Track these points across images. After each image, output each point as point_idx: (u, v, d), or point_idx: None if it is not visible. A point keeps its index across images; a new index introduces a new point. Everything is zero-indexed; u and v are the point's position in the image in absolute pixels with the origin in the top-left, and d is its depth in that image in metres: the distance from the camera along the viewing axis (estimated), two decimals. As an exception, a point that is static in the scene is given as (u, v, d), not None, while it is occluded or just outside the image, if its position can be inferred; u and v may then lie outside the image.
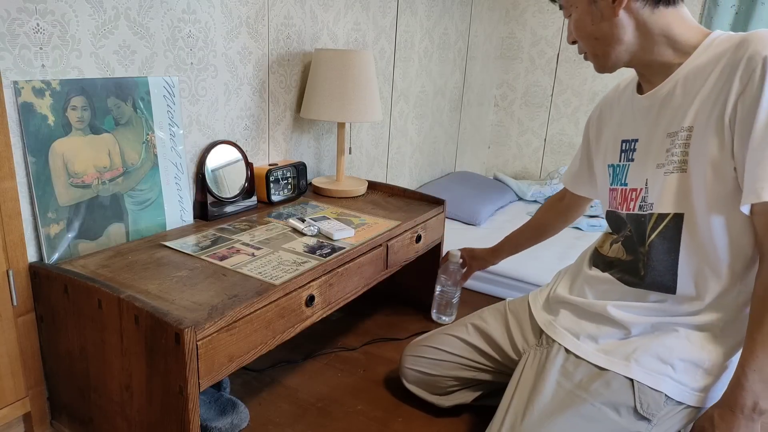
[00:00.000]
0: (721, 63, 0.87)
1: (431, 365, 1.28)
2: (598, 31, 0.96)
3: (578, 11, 0.98)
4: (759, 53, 0.83)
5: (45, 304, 1.12)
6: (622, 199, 1.06)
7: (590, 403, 0.97)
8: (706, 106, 0.89)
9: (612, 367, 0.99)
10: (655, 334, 0.99)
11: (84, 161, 1.16)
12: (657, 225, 0.97)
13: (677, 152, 0.93)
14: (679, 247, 0.95)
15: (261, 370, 1.48)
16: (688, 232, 0.94)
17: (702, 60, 0.91)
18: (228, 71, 1.48)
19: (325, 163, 1.95)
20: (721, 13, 2.51)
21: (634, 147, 1.03)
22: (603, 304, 1.04)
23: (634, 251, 1.03)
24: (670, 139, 0.95)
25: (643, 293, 1.01)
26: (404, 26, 2.20)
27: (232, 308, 0.97)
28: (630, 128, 1.05)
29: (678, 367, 0.96)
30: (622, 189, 1.06)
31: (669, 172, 0.94)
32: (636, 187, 1.02)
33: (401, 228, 1.49)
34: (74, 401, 1.15)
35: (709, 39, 0.92)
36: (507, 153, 3.27)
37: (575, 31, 1.00)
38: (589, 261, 1.14)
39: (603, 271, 1.08)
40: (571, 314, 1.10)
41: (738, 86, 0.84)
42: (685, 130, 0.92)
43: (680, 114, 0.93)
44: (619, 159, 1.07)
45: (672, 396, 0.96)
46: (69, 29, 1.10)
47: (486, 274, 2.04)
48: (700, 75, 0.90)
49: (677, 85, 0.94)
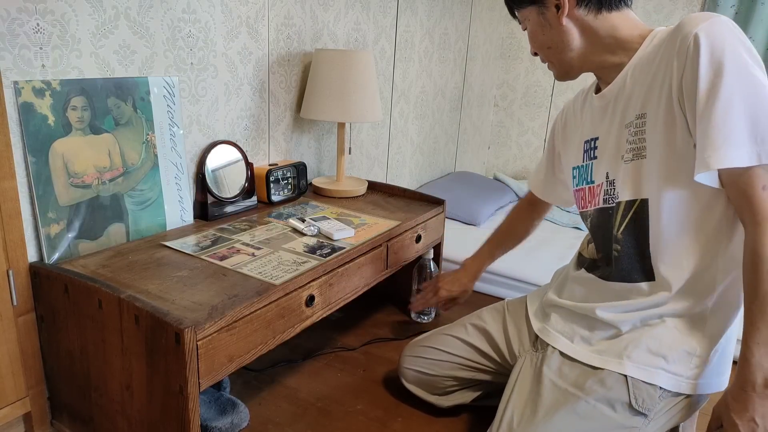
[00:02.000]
0: (661, 50, 0.91)
1: (430, 365, 1.28)
2: (549, 41, 1.01)
3: (531, 23, 1.03)
4: (690, 31, 0.85)
5: (45, 303, 1.12)
6: (589, 197, 1.08)
7: (585, 401, 0.97)
8: (654, 91, 0.92)
9: (606, 365, 0.99)
10: (645, 329, 0.99)
11: (84, 161, 1.16)
12: (625, 214, 0.99)
13: (634, 140, 0.96)
14: (648, 233, 0.96)
15: (261, 370, 1.48)
16: (655, 217, 0.95)
17: (646, 52, 0.95)
18: (228, 71, 1.48)
19: (326, 163, 1.95)
20: (721, 13, 2.50)
21: (595, 145, 1.07)
22: (591, 306, 1.05)
23: (604, 246, 1.05)
24: (627, 130, 0.97)
25: (625, 288, 1.01)
26: (404, 26, 2.20)
27: (232, 308, 0.97)
28: (590, 128, 1.08)
29: (670, 358, 0.96)
30: (588, 187, 1.08)
31: (629, 160, 0.97)
32: (599, 182, 1.05)
33: (401, 228, 1.49)
34: (74, 401, 1.15)
35: (651, 34, 0.96)
36: (507, 153, 3.27)
37: (531, 42, 1.06)
38: (575, 263, 1.16)
39: (587, 270, 1.10)
40: (562, 317, 1.11)
41: (677, 65, 0.87)
42: (639, 118, 0.95)
43: (632, 104, 0.96)
44: (583, 159, 1.10)
45: (667, 388, 0.96)
46: (69, 29, 1.10)
47: (486, 274, 2.03)
48: (646, 65, 0.94)
49: (627, 78, 0.97)
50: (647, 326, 1.00)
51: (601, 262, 1.07)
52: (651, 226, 0.96)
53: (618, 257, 1.01)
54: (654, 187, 0.94)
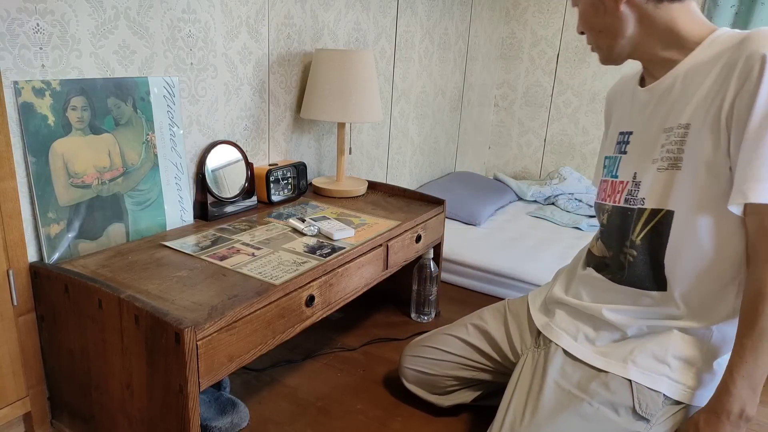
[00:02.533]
0: (721, 61, 0.87)
1: (431, 365, 1.28)
2: (601, 24, 0.96)
3: (584, 2, 0.98)
4: (757, 51, 0.82)
5: (45, 303, 1.12)
6: (610, 191, 1.05)
7: (588, 403, 0.97)
8: (704, 104, 0.88)
9: (610, 368, 0.99)
10: (651, 335, 0.99)
11: (84, 161, 1.16)
12: (647, 222, 0.97)
13: (672, 149, 0.93)
14: (666, 245, 0.95)
15: (261, 369, 1.48)
16: (677, 230, 0.93)
17: (703, 57, 0.90)
18: (228, 71, 1.48)
19: (326, 163, 1.95)
20: (721, 13, 2.51)
21: (627, 140, 1.03)
22: (598, 307, 1.04)
23: (615, 246, 1.03)
24: (665, 135, 0.94)
25: (635, 293, 1.00)
26: (404, 26, 2.20)
27: (232, 308, 0.97)
28: (627, 121, 1.05)
29: (674, 366, 0.97)
30: (612, 181, 1.06)
31: (662, 168, 0.94)
32: (624, 180, 1.02)
33: (401, 228, 1.49)
34: (75, 400, 1.15)
35: (712, 36, 0.91)
36: (507, 153, 3.27)
37: (582, 24, 1.00)
38: (583, 261, 1.15)
39: (595, 269, 1.09)
40: (568, 315, 1.10)
41: (735, 85, 0.84)
42: (682, 127, 0.91)
43: (677, 110, 0.92)
44: (614, 151, 1.07)
45: (670, 395, 0.96)
46: (69, 29, 1.10)
47: (486, 274, 2.04)
48: (700, 72, 0.90)
49: (677, 81, 0.93)
50: (654, 333, 0.99)
51: (610, 261, 1.05)
52: (671, 238, 0.94)
53: (632, 263, 1.00)
54: (683, 201, 0.91)
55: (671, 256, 0.95)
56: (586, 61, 2.89)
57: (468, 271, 2.08)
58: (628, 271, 1.00)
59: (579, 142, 3.02)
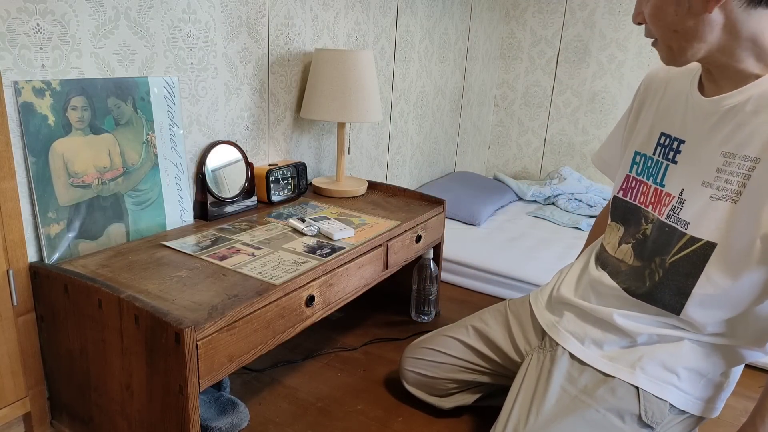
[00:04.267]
0: None
1: (431, 367, 1.27)
2: (679, 24, 0.83)
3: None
4: None
5: (45, 303, 1.12)
6: (655, 199, 0.98)
7: (595, 409, 0.96)
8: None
9: (617, 374, 0.98)
10: (661, 343, 0.98)
11: (84, 161, 1.16)
12: (686, 246, 0.91)
13: (733, 180, 0.86)
14: (700, 274, 0.90)
15: (261, 370, 1.48)
16: (715, 263, 0.88)
17: None
18: (228, 71, 1.48)
19: (326, 163, 1.95)
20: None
21: (678, 148, 0.95)
22: (609, 311, 1.01)
23: (646, 259, 0.98)
24: (725, 159, 0.87)
25: (648, 306, 0.98)
26: (404, 26, 2.20)
27: (232, 308, 0.97)
28: (677, 125, 0.96)
29: (682, 376, 0.96)
30: (656, 188, 0.98)
31: (716, 198, 0.87)
32: (672, 193, 0.95)
33: (401, 228, 1.49)
34: (74, 401, 1.15)
35: None
36: (507, 153, 3.27)
37: (651, 17, 0.86)
38: (596, 259, 1.10)
39: (610, 275, 1.04)
40: (576, 317, 1.08)
41: None
42: (750, 160, 0.84)
43: (745, 136, 0.84)
44: (654, 152, 0.99)
45: (676, 405, 0.95)
46: (69, 29, 1.10)
47: (486, 274, 2.04)
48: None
49: (749, 101, 0.84)
50: (664, 341, 0.98)
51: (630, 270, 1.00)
52: (706, 270, 0.89)
53: (656, 283, 0.95)
54: (732, 237, 0.86)
55: (702, 287, 0.90)
56: (586, 61, 2.89)
57: (468, 271, 2.08)
58: (649, 289, 0.97)
59: (579, 142, 3.02)
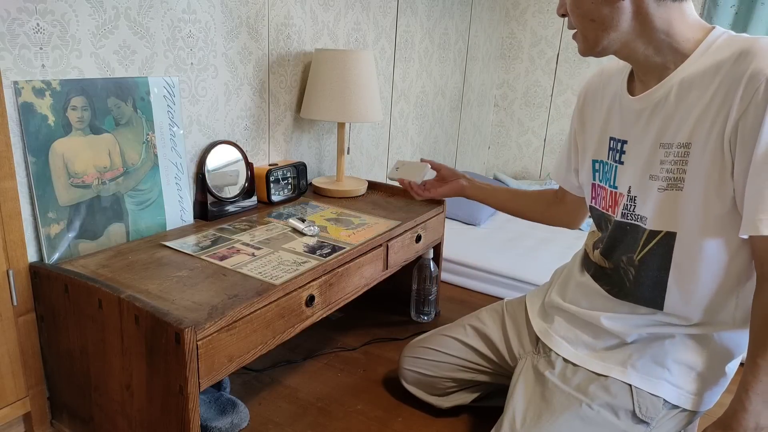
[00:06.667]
0: (720, 75, 0.83)
1: (429, 366, 1.28)
2: (596, 12, 0.88)
3: None
4: (762, 72, 0.78)
5: (45, 303, 1.12)
6: (611, 201, 1.02)
7: (589, 406, 0.97)
8: (705, 123, 0.84)
9: (609, 372, 0.99)
10: (650, 340, 0.99)
11: (84, 161, 1.16)
12: (649, 241, 0.95)
13: (673, 169, 0.89)
14: (670, 265, 0.93)
15: (261, 370, 1.48)
16: (681, 251, 0.91)
17: (699, 66, 0.86)
18: (228, 71, 1.48)
19: (326, 163, 1.95)
20: (721, 13, 2.51)
21: (622, 149, 0.99)
22: (596, 315, 1.03)
23: (614, 260, 1.01)
24: (664, 150, 0.90)
25: (635, 307, 0.99)
26: (404, 26, 2.20)
27: (232, 308, 0.97)
28: (618, 127, 1.00)
29: (674, 370, 0.97)
30: (611, 191, 1.02)
31: (663, 188, 0.91)
32: (622, 192, 0.99)
33: (401, 228, 1.49)
34: (74, 401, 1.15)
35: (708, 40, 0.86)
36: (507, 153, 3.27)
37: (571, 7, 0.91)
38: (581, 264, 1.13)
39: (593, 278, 1.07)
40: (566, 321, 1.10)
41: (739, 105, 0.80)
42: (682, 146, 0.88)
43: (674, 126, 0.89)
44: (607, 157, 1.03)
45: (669, 400, 0.96)
46: (69, 29, 1.10)
47: (486, 274, 2.04)
48: (697, 84, 0.86)
49: (671, 92, 0.89)
50: (653, 338, 0.99)
51: (610, 272, 1.03)
52: (674, 259, 0.92)
53: (632, 281, 0.98)
54: (687, 223, 0.89)
55: (675, 277, 0.93)
56: (586, 61, 2.89)
57: (468, 271, 2.08)
58: (629, 289, 0.99)
59: (579, 142, 3.02)
